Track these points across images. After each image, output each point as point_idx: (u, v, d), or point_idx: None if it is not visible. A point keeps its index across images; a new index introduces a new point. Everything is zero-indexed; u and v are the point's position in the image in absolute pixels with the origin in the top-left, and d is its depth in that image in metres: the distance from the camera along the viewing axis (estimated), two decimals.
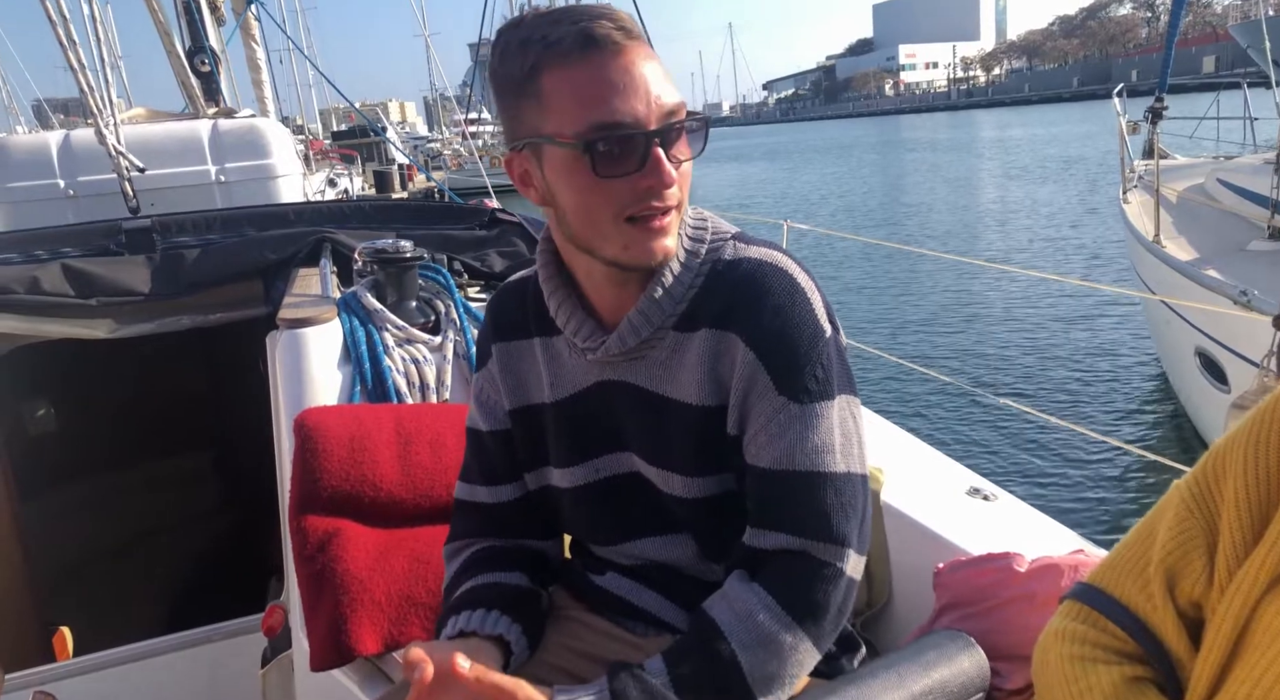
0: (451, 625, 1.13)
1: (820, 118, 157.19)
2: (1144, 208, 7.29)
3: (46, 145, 3.82)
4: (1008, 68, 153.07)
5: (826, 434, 1.02)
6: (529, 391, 1.20)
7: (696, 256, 1.07)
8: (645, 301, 1.05)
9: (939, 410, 7.67)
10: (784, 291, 1.03)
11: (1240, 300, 4.79)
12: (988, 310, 10.85)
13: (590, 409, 1.15)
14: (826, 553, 1.01)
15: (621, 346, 1.08)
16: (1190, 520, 0.78)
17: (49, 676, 2.21)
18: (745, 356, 1.02)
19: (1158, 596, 0.79)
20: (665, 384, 1.08)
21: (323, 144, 23.57)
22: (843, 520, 1.01)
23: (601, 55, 0.93)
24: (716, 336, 1.04)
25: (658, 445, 1.11)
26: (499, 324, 1.23)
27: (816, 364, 1.02)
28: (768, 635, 0.98)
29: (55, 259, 2.43)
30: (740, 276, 1.05)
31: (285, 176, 4.22)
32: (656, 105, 0.95)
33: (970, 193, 24.03)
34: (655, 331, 1.07)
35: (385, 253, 2.19)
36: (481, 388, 1.25)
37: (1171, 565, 0.79)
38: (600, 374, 1.13)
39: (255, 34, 6.66)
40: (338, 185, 16.27)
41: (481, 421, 1.25)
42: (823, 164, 40.52)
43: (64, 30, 3.26)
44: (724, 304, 1.04)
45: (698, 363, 1.05)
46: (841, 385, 1.05)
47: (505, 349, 1.21)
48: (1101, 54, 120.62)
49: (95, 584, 2.96)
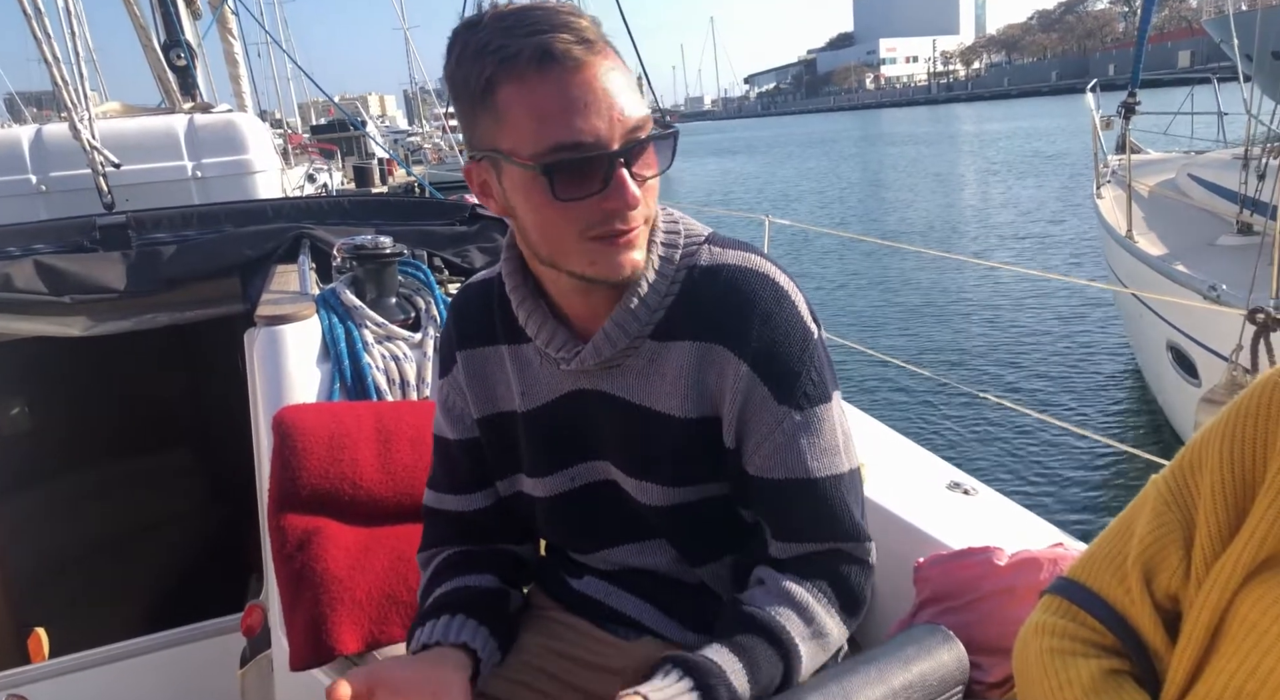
0: (416, 639, 1.11)
1: (801, 112, 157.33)
2: (1117, 203, 7.35)
3: (18, 140, 3.76)
4: (987, 62, 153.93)
5: (831, 437, 1.04)
6: (497, 400, 1.17)
7: (671, 263, 1.04)
8: (620, 312, 1.02)
9: (919, 405, 7.71)
10: (770, 299, 1.02)
11: (1210, 295, 4.85)
12: (967, 305, 10.92)
13: (564, 418, 1.12)
14: (856, 550, 1.06)
15: (597, 358, 1.05)
16: (1168, 514, 0.79)
17: (24, 679, 2.18)
18: (739, 369, 1.01)
19: (1135, 590, 0.80)
20: (645, 395, 1.06)
21: (301, 138, 23.37)
22: (859, 514, 1.06)
23: (560, 72, 0.88)
24: (702, 349, 1.02)
25: (636, 456, 1.09)
26: (464, 331, 1.18)
27: (811, 368, 1.02)
28: (821, 627, 1.02)
29: (28, 256, 2.40)
30: (723, 286, 1.02)
31: (263, 172, 4.18)
32: (619, 121, 0.90)
33: (950, 187, 24.16)
34: (632, 341, 1.04)
35: (364, 249, 2.17)
36: (447, 395, 1.22)
37: (1149, 559, 0.79)
38: (574, 383, 1.10)
39: (232, 28, 6.60)
40: (317, 180, 16.15)
41: (449, 430, 1.22)
42: (804, 158, 40.59)
43: (39, 23, 3.22)
44: (707, 315, 1.02)
45: (679, 375, 1.03)
46: (833, 384, 1.06)
47: (471, 356, 1.18)
48: (1079, 48, 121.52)
49: (71, 584, 2.93)
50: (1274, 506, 0.72)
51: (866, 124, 75.56)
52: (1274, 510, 0.72)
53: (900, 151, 38.97)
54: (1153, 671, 0.79)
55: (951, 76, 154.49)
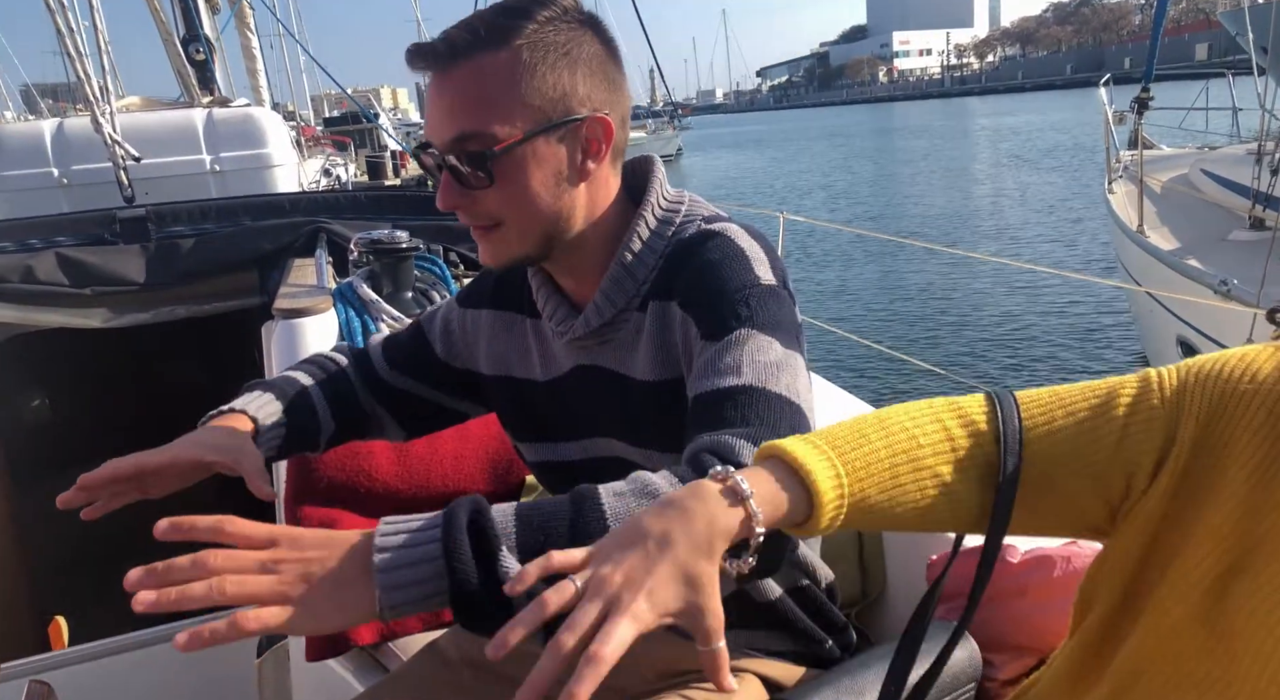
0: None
1: (814, 105, 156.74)
2: (1128, 198, 7.31)
3: (41, 133, 3.80)
4: (1001, 55, 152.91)
5: (746, 356, 0.91)
6: (513, 365, 1.21)
7: (662, 237, 1.06)
8: (606, 282, 1.05)
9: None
10: (716, 250, 1.00)
11: (1220, 290, 4.83)
12: (980, 301, 10.87)
13: (572, 392, 1.15)
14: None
15: (586, 328, 1.08)
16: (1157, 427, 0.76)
17: (45, 665, 2.21)
18: (679, 316, 1.00)
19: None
20: (626, 364, 1.08)
21: (315, 130, 23.41)
22: (765, 428, 0.86)
23: (427, 73, 0.97)
24: (660, 307, 1.03)
25: (630, 426, 1.10)
26: (499, 293, 1.23)
27: (741, 304, 0.95)
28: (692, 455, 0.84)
29: (50, 248, 2.43)
30: (686, 250, 1.03)
31: (280, 166, 4.21)
32: (440, 134, 0.96)
33: (963, 182, 24.02)
34: (620, 313, 1.06)
35: (381, 243, 2.19)
36: (456, 319, 1.26)
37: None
38: (576, 358, 1.13)
39: (250, 22, 6.63)
40: (332, 174, 16.19)
41: (437, 343, 1.27)
42: (816, 152, 40.44)
43: (62, 18, 3.24)
44: (668, 277, 1.03)
45: (648, 339, 1.04)
46: (773, 330, 0.94)
47: (499, 318, 1.22)
48: (1095, 41, 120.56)
49: (90, 573, 2.96)
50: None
51: (880, 117, 75.21)
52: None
53: (913, 145, 38.78)
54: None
55: (965, 69, 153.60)
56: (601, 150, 1.00)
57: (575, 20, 0.98)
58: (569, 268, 1.08)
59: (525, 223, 1.00)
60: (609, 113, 1.00)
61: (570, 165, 0.99)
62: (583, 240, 1.04)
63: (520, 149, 0.95)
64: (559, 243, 1.03)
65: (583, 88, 0.97)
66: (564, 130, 0.97)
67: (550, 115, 0.96)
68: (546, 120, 0.95)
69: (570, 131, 0.98)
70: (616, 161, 1.05)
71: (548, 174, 0.98)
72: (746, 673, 1.17)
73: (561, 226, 1.02)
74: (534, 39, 0.95)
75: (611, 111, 1.00)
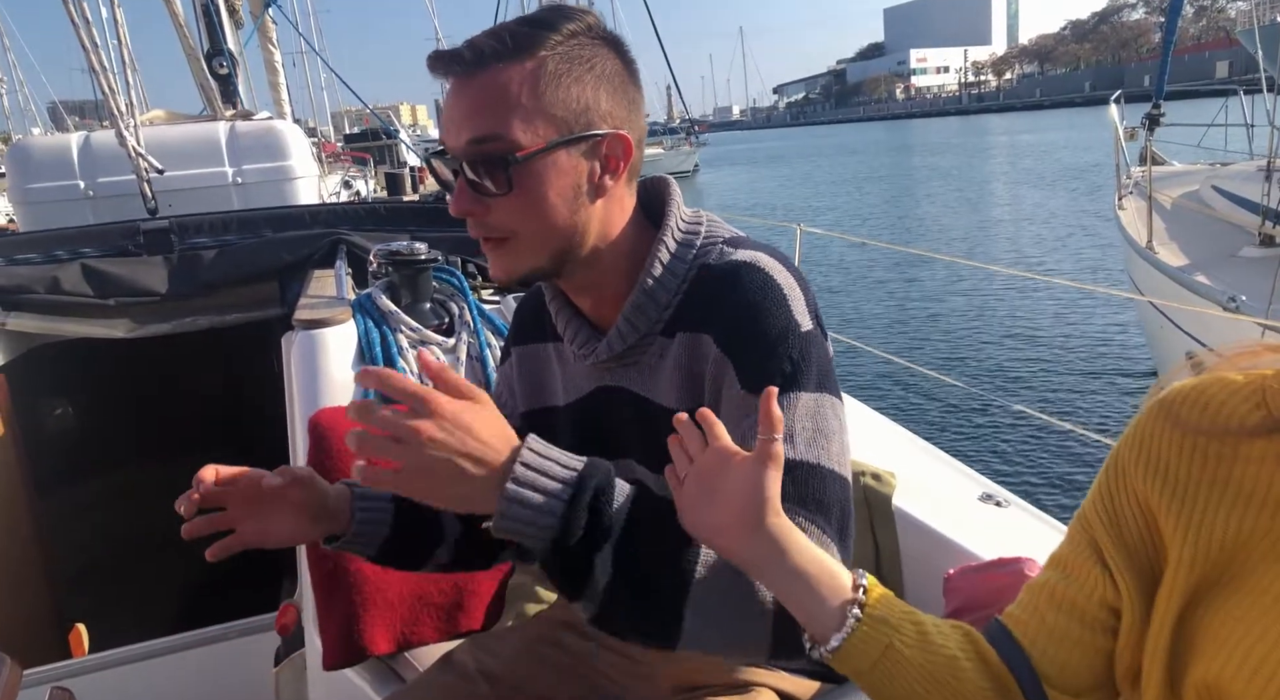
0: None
1: (831, 122, 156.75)
2: (1138, 214, 7.27)
3: (67, 146, 3.86)
4: (1019, 72, 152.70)
5: (790, 424, 0.94)
6: (544, 394, 1.21)
7: (683, 261, 1.05)
8: (629, 307, 1.04)
9: (952, 416, 7.65)
10: (756, 288, 0.99)
11: (1229, 306, 4.80)
12: (997, 315, 10.82)
13: (594, 414, 1.14)
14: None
15: (610, 352, 1.07)
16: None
17: (66, 672, 2.23)
18: (714, 354, 0.99)
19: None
20: (651, 389, 1.07)
21: (335, 146, 23.64)
22: (821, 514, 0.92)
23: (445, 79, 0.96)
24: (691, 339, 1.02)
25: (651, 451, 1.09)
26: (521, 326, 1.25)
27: (784, 358, 0.96)
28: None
29: (75, 259, 2.46)
30: (719, 281, 1.01)
31: (302, 178, 4.25)
32: (458, 137, 0.95)
33: (980, 198, 23.98)
34: (643, 337, 1.06)
35: (400, 255, 2.20)
36: (499, 391, 1.27)
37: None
38: (599, 379, 1.12)
39: (273, 37, 6.71)
40: (352, 187, 16.34)
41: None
42: (833, 168, 40.45)
43: (86, 34, 3.30)
44: (701, 308, 1.02)
45: (675, 367, 1.04)
46: (817, 383, 0.97)
47: (523, 352, 1.23)
48: (1114, 59, 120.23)
49: (111, 581, 2.98)
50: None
51: (897, 134, 75.16)
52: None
53: (931, 162, 38.72)
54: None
55: (983, 87, 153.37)
56: (620, 167, 1.00)
57: (599, 37, 0.98)
58: (585, 287, 1.08)
59: (539, 235, 0.99)
60: (629, 131, 0.99)
61: (589, 180, 0.98)
62: (597, 258, 1.03)
63: (541, 158, 0.95)
64: (571, 259, 1.02)
65: (605, 103, 0.97)
66: (586, 144, 0.97)
67: (573, 127, 0.95)
68: (569, 132, 0.95)
69: (591, 146, 0.97)
70: (632, 182, 1.05)
71: (566, 186, 0.97)
72: (762, 687, 1.17)
73: (575, 241, 1.01)
74: (559, 50, 0.95)
75: (631, 130, 1.00)
